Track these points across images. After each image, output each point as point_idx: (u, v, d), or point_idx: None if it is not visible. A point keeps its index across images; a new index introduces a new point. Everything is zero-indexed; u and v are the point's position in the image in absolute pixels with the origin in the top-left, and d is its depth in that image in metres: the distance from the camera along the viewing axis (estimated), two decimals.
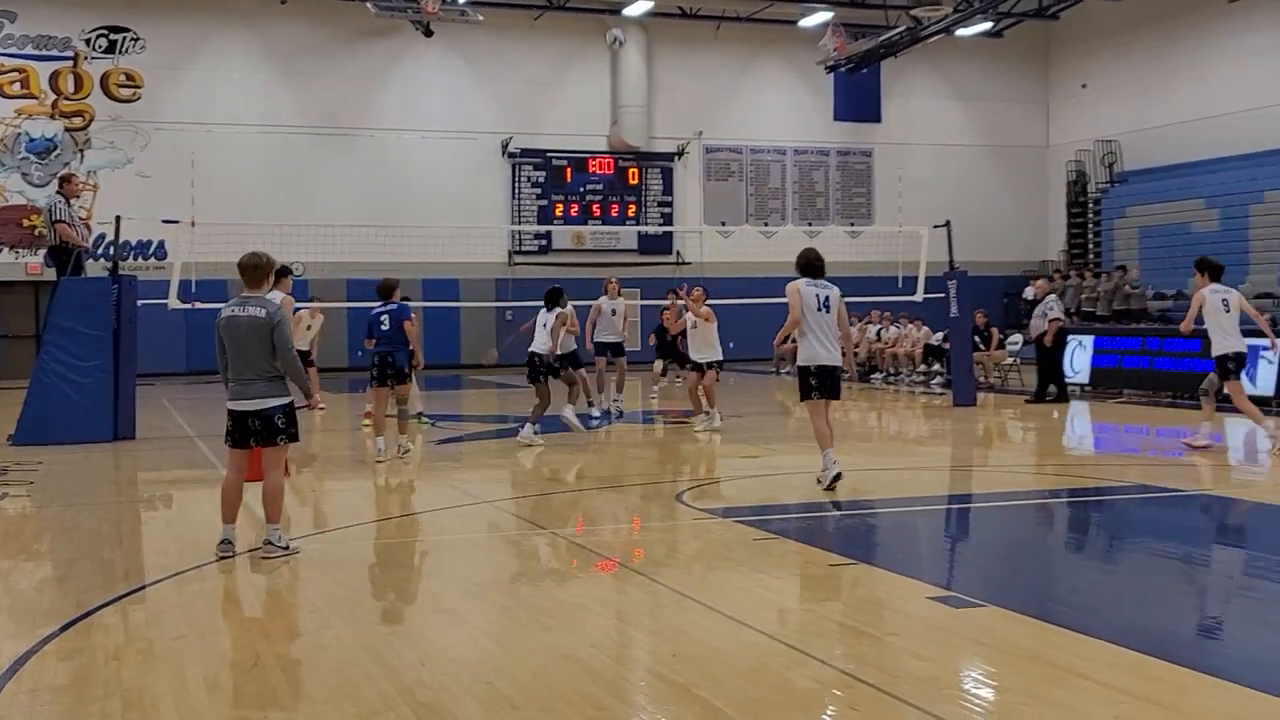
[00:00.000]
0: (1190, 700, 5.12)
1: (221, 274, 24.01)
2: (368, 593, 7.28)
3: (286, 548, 8.20)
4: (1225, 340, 13.48)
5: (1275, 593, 7.50)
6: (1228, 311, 13.50)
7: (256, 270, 8.26)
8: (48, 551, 8.94)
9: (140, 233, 26.70)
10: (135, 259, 27.27)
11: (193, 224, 18.07)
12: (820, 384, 10.61)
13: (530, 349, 14.44)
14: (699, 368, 15.91)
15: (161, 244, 27.36)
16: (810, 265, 10.68)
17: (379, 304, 13.42)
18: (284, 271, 13.56)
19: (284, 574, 7.84)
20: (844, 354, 10.96)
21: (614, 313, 17.79)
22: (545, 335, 14.35)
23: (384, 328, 13.19)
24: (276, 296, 14.00)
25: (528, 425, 14.30)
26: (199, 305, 18.85)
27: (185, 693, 5.41)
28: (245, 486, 8.34)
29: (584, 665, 5.72)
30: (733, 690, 5.34)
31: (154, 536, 9.62)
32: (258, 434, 8.13)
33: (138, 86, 28.69)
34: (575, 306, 18.01)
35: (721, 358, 15.91)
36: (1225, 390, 13.70)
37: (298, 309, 18.31)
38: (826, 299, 10.58)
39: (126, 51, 28.63)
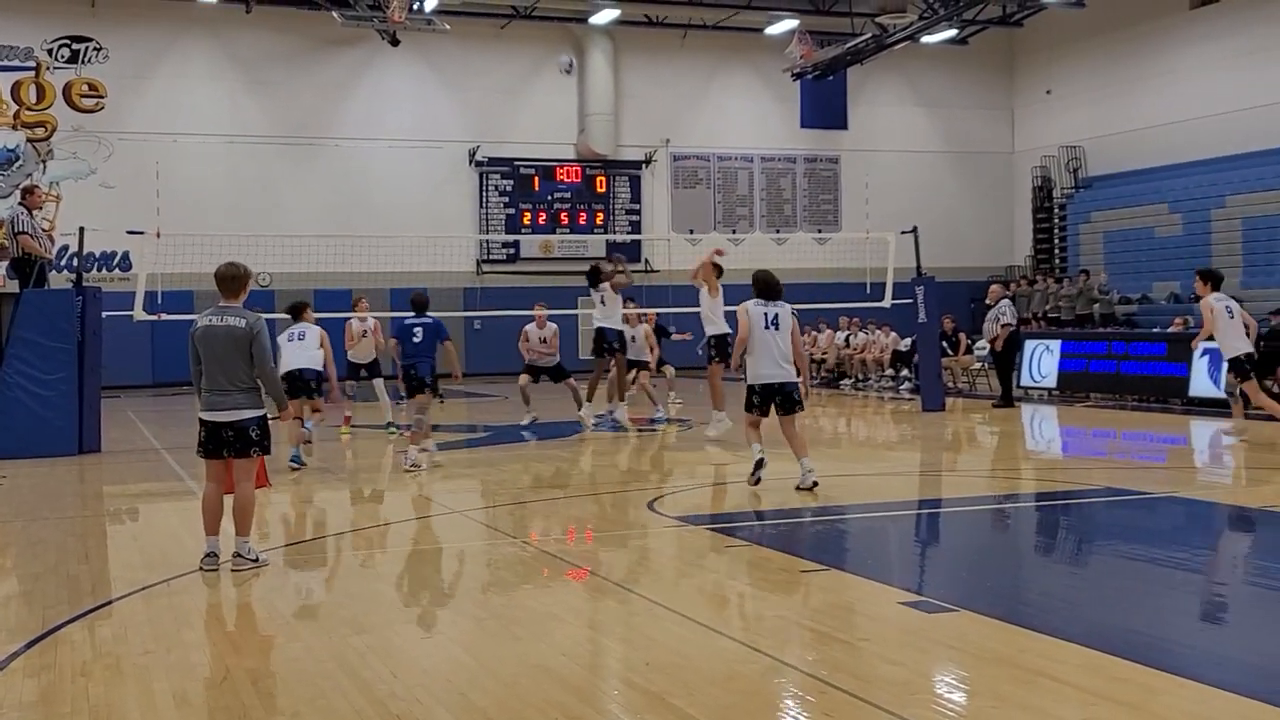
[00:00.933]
0: (1159, 701, 5.15)
1: (187, 284, 23.96)
2: (339, 604, 7.24)
3: (256, 560, 8.16)
4: (1235, 343, 14.16)
5: (1241, 592, 7.57)
6: (1232, 317, 14.21)
7: (234, 281, 8.28)
8: (12, 567, 8.84)
9: (105, 244, 26.52)
10: (100, 270, 27.08)
11: (158, 235, 17.91)
12: (762, 401, 10.85)
13: (597, 324, 15.92)
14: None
15: (126, 255, 27.17)
16: (764, 287, 10.94)
17: (411, 315, 13.65)
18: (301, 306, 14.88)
19: (254, 586, 7.79)
20: (799, 371, 11.18)
21: (543, 340, 18.03)
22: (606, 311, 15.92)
23: (416, 340, 13.45)
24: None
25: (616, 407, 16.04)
26: (165, 317, 18.72)
27: (153, 708, 5.36)
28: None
29: (556, 675, 5.70)
30: (706, 698, 5.33)
31: (120, 551, 9.52)
32: (230, 445, 8.10)
33: (101, 96, 28.48)
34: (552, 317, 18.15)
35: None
36: (1243, 390, 14.39)
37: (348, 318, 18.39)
38: (775, 317, 10.80)
39: (89, 61, 28.42)
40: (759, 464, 10.81)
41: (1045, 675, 5.51)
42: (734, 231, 32.97)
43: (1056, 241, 33.16)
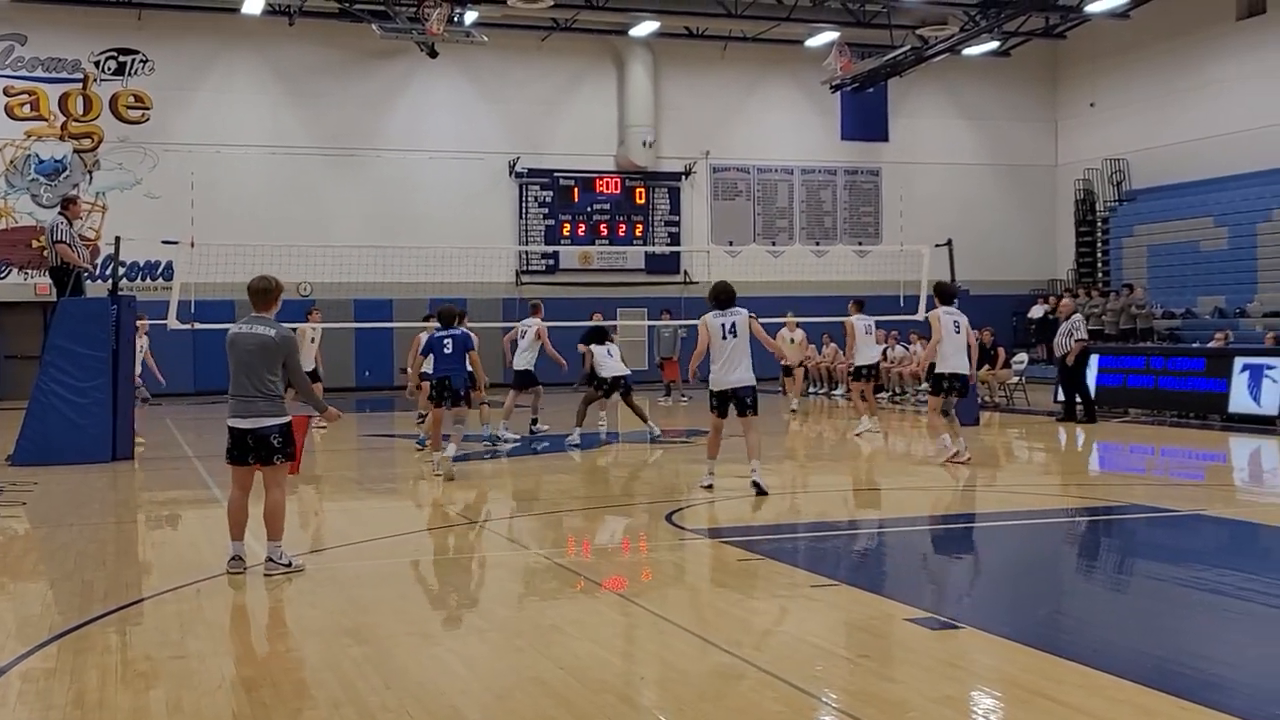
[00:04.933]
0: None
1: (227, 294, 24.17)
2: (342, 614, 7.26)
3: (289, 565, 8.28)
4: (953, 361, 14.29)
5: (1256, 615, 7.41)
6: (958, 333, 14.28)
7: (265, 294, 8.45)
8: (30, 572, 8.95)
9: (147, 253, 26.83)
10: (144, 280, 27.42)
11: (192, 244, 18.10)
12: (719, 405, 11.68)
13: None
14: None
15: (170, 265, 27.45)
16: (721, 297, 11.77)
17: (440, 329, 13.96)
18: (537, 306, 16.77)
19: (261, 596, 7.84)
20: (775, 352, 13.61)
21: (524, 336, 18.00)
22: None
23: (447, 351, 13.71)
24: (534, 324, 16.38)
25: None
26: (198, 326, 18.91)
27: (146, 715, 5.39)
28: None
29: (549, 688, 5.68)
30: (695, 714, 5.30)
31: (139, 558, 9.61)
32: (254, 452, 8.23)
33: (146, 108, 28.84)
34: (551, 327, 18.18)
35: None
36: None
37: (295, 327, 18.48)
38: (732, 325, 11.56)
39: (135, 73, 28.80)
40: (708, 486, 11.82)
41: (1043, 695, 5.42)
42: (774, 243, 32.88)
43: (1099, 255, 32.80)
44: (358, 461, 16.48)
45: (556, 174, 31.55)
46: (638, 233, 32.15)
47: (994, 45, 32.01)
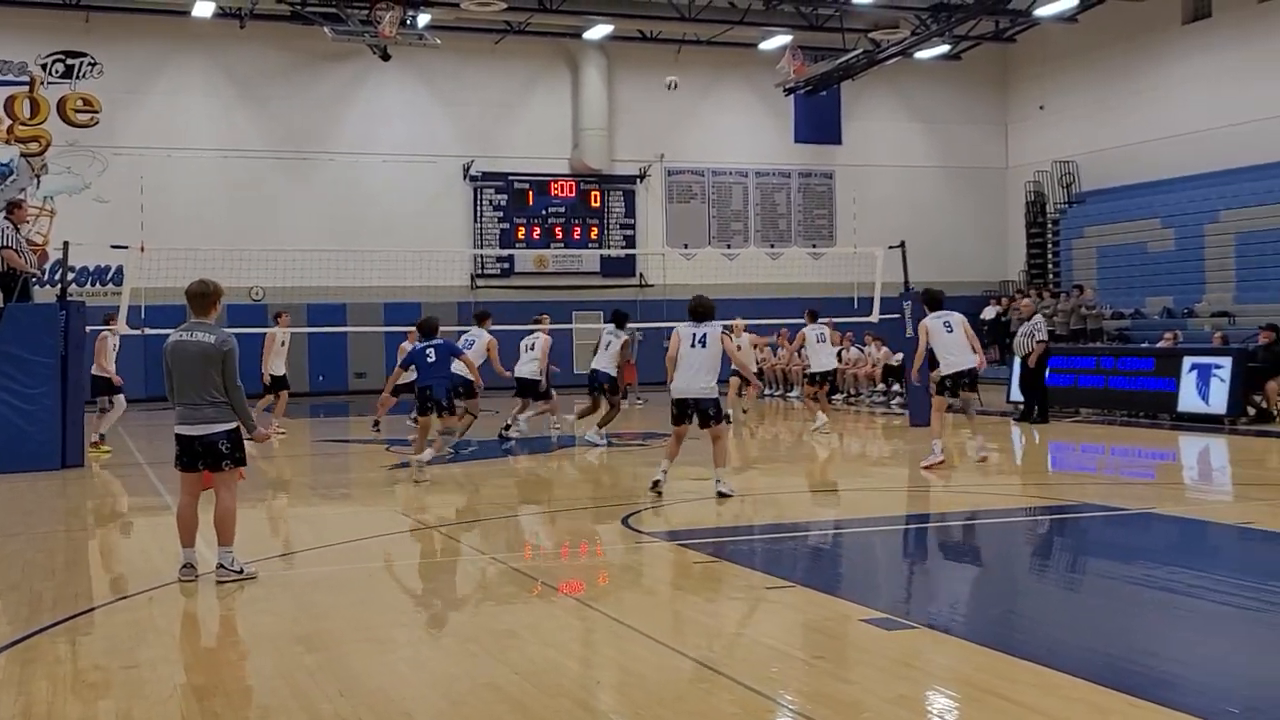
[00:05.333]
0: None
1: (178, 299, 23.89)
2: (295, 621, 7.20)
3: (241, 571, 8.19)
4: (958, 358, 14.12)
5: (1204, 613, 7.49)
6: (950, 331, 14.13)
7: (203, 298, 8.35)
8: None
9: (97, 258, 26.54)
10: (93, 285, 27.10)
11: (142, 249, 17.92)
12: (680, 412, 11.72)
13: (593, 366, 17.25)
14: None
15: (120, 270, 27.13)
16: (697, 311, 11.83)
17: (422, 341, 14.17)
18: (484, 315, 17.20)
19: (213, 604, 7.76)
20: (743, 370, 13.98)
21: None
22: (606, 355, 17.05)
23: (430, 361, 13.83)
24: (483, 336, 16.57)
25: (593, 431, 16.94)
26: (149, 331, 18.69)
27: None
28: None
29: (505, 693, 5.66)
30: (651, 718, 5.30)
31: (88, 567, 9.48)
32: (203, 458, 8.18)
33: (95, 111, 28.50)
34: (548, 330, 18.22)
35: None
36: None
37: (264, 332, 18.51)
38: (703, 337, 11.64)
39: (84, 76, 28.46)
40: (656, 483, 11.78)
41: (996, 694, 5.46)
42: (728, 246, 32.96)
43: (1050, 256, 33.12)
44: (311, 467, 16.37)
45: (511, 177, 31.47)
46: (593, 236, 32.14)
47: (945, 49, 32.25)
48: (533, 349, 17.86)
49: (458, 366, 14.32)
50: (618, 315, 17.75)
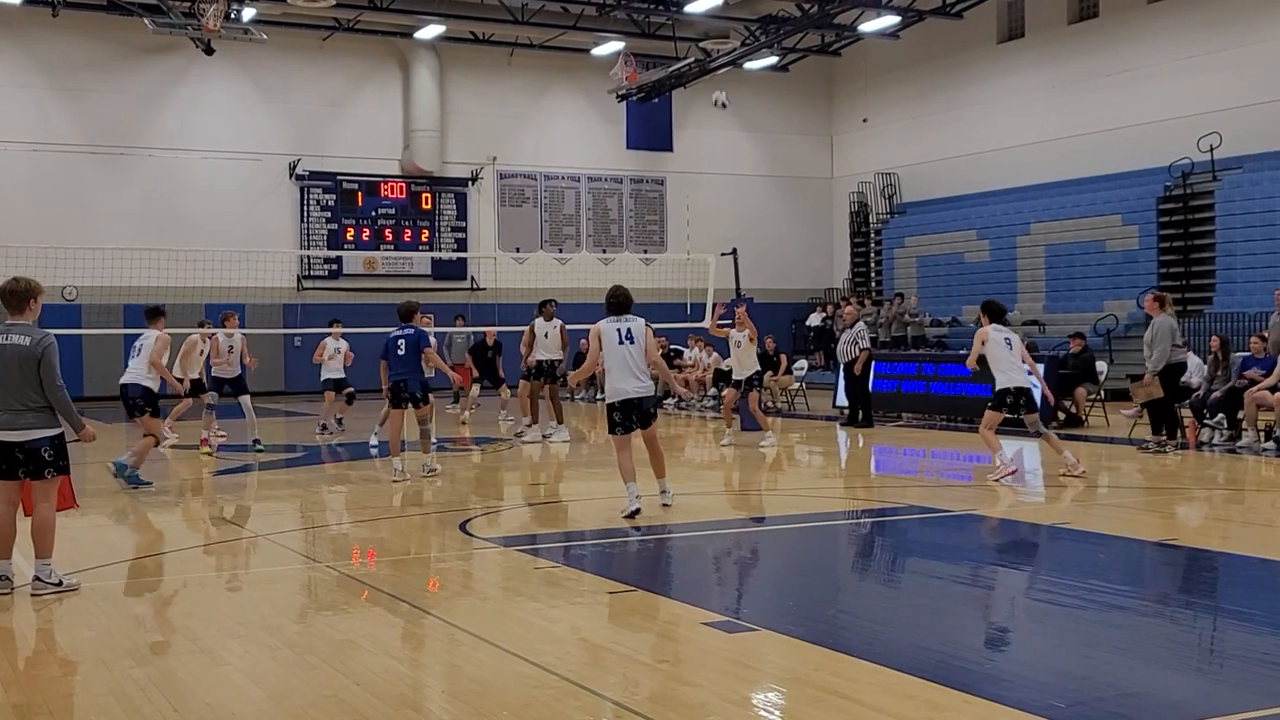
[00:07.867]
0: (943, 717, 5.27)
1: None
2: (124, 634, 6.92)
3: (59, 584, 7.87)
4: (1011, 375, 13.66)
5: (1028, 609, 7.83)
6: (1011, 349, 13.71)
7: (15, 296, 8.01)
8: None
9: None
10: None
11: None
12: (624, 418, 10.77)
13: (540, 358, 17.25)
14: (739, 384, 17.55)
15: None
16: (615, 302, 10.96)
17: (397, 328, 13.66)
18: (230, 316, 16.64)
19: (30, 617, 7.41)
20: (664, 376, 12.55)
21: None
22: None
23: (400, 353, 13.48)
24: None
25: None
26: None
27: None
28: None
29: (348, 705, 5.55)
30: None
31: None
32: (24, 466, 7.83)
33: None
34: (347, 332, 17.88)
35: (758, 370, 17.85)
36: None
37: (189, 335, 17.84)
38: (628, 331, 10.77)
39: None
40: (635, 513, 10.53)
41: (837, 694, 5.58)
42: (560, 250, 32.99)
43: (873, 265, 34.10)
44: (154, 471, 15.73)
45: (340, 177, 30.92)
46: (424, 238, 31.80)
47: (773, 60, 32.93)
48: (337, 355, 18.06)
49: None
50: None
